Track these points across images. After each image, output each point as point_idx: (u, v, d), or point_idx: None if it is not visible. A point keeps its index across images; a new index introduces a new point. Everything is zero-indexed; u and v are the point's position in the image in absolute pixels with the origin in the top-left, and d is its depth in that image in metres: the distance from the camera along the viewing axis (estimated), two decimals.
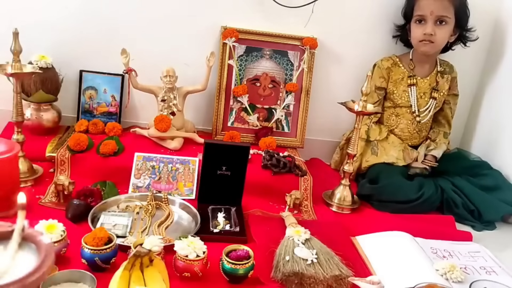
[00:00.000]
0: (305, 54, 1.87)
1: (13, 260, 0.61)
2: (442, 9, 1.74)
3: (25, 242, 0.64)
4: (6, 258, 0.61)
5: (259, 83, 1.90)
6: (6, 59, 1.50)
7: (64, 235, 1.15)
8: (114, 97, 1.86)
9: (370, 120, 1.88)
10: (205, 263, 1.16)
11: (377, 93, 1.87)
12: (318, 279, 1.16)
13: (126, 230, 1.31)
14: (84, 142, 1.61)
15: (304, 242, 1.26)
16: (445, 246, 1.46)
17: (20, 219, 0.63)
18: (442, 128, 1.96)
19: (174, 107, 1.73)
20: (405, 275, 1.25)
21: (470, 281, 1.24)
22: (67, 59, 1.80)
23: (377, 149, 1.86)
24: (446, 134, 1.95)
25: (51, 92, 1.74)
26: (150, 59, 1.80)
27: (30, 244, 0.64)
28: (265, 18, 1.85)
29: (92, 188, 1.44)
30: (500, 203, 1.67)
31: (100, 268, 1.12)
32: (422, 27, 1.77)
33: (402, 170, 1.80)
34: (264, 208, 1.56)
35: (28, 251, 0.64)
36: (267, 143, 1.81)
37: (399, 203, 1.65)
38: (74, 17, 1.79)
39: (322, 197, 1.69)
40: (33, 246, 0.64)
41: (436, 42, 1.77)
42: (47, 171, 1.60)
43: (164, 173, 1.60)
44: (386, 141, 1.87)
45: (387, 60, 1.88)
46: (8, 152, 1.31)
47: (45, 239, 0.64)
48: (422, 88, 1.87)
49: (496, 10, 1.95)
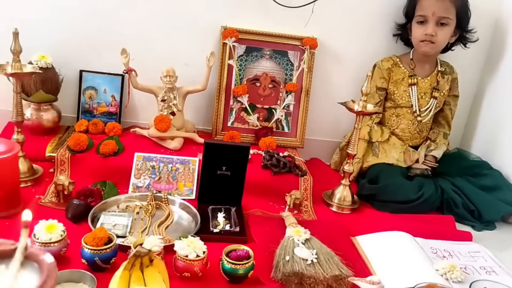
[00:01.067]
0: (305, 54, 1.87)
1: (15, 279, 0.60)
2: (444, 10, 1.74)
3: (27, 261, 0.63)
4: (9, 277, 0.60)
5: (259, 83, 1.90)
6: (6, 59, 1.50)
7: (64, 235, 1.15)
8: (114, 97, 1.86)
9: (372, 121, 1.88)
10: (205, 263, 1.16)
11: (378, 93, 1.87)
12: (318, 279, 1.16)
13: (126, 230, 1.31)
14: (84, 142, 1.61)
15: (304, 242, 1.26)
16: (445, 246, 1.46)
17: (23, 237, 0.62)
18: (442, 128, 1.96)
19: (174, 107, 1.73)
20: (405, 275, 1.25)
21: (470, 281, 1.24)
22: (67, 59, 1.80)
23: (378, 150, 1.86)
24: (445, 135, 1.96)
25: (51, 92, 1.74)
26: (150, 59, 1.80)
27: (33, 263, 0.63)
28: (265, 18, 1.85)
29: (92, 188, 1.44)
30: (500, 203, 1.67)
31: (100, 268, 1.12)
32: (423, 27, 1.77)
33: (402, 171, 1.80)
34: (264, 208, 1.56)
35: (30, 270, 0.62)
36: (267, 143, 1.81)
37: (399, 203, 1.66)
38: (74, 17, 1.79)
39: (322, 197, 1.69)
40: (36, 266, 0.62)
41: (436, 43, 1.77)
42: (47, 171, 1.60)
43: (164, 173, 1.60)
44: (387, 143, 1.87)
45: (388, 60, 1.88)
46: (8, 152, 1.31)
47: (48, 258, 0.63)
48: (423, 88, 1.87)
49: (496, 10, 1.95)
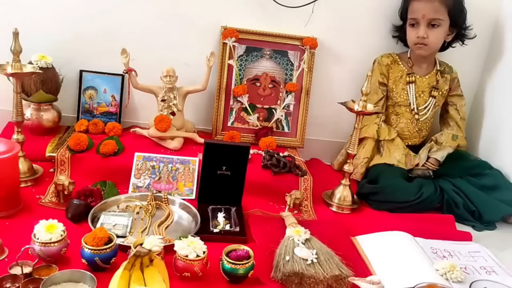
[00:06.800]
0: (305, 54, 1.87)
1: None
2: (433, 12, 1.74)
3: None
4: None
5: (259, 83, 1.90)
6: (6, 59, 1.50)
7: (64, 235, 1.15)
8: (114, 97, 1.86)
9: (380, 119, 1.87)
10: (205, 263, 1.16)
11: (381, 89, 1.87)
12: (318, 279, 1.17)
13: (126, 230, 1.31)
14: (84, 142, 1.61)
15: (304, 242, 1.26)
16: (445, 246, 1.46)
17: None
18: (450, 130, 1.92)
19: (174, 107, 1.73)
20: (405, 275, 1.25)
21: (470, 281, 1.24)
22: (67, 59, 1.80)
23: (382, 149, 1.85)
24: (454, 137, 1.91)
25: (51, 92, 1.74)
26: (150, 59, 1.80)
27: None
28: (265, 18, 1.85)
29: (92, 188, 1.44)
30: (501, 204, 1.67)
31: (100, 268, 1.12)
32: (415, 30, 1.78)
33: (402, 172, 1.80)
34: (264, 208, 1.56)
35: None
36: (267, 143, 1.81)
37: (396, 203, 1.66)
38: (74, 17, 1.79)
39: (322, 197, 1.69)
40: None
41: (429, 45, 1.78)
42: (47, 171, 1.60)
43: (164, 173, 1.60)
44: (392, 143, 1.86)
45: (387, 56, 1.88)
46: (8, 152, 1.31)
47: None
48: (421, 86, 1.87)
49: (496, 10, 1.95)
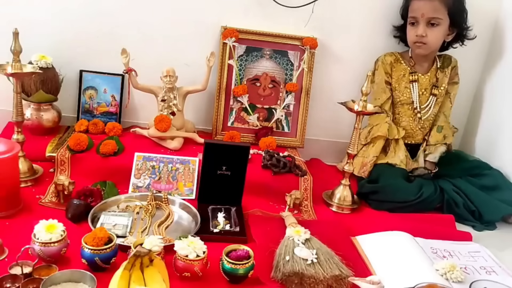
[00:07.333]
0: (305, 54, 1.87)
1: None
2: (432, 11, 1.74)
3: None
4: None
5: (259, 83, 1.90)
6: (6, 59, 1.50)
7: (64, 235, 1.15)
8: (114, 97, 1.86)
9: (390, 117, 1.86)
10: (205, 263, 1.16)
11: (388, 87, 1.87)
12: (318, 279, 1.17)
13: (126, 230, 1.31)
14: (84, 142, 1.61)
15: (304, 242, 1.26)
16: (445, 246, 1.46)
17: None
18: (437, 121, 1.91)
19: (174, 107, 1.73)
20: (405, 275, 1.25)
21: (470, 281, 1.24)
22: (67, 59, 1.80)
23: (388, 148, 1.85)
24: (439, 128, 1.89)
25: (51, 92, 1.74)
26: (150, 59, 1.80)
27: None
28: (265, 18, 1.85)
29: (92, 188, 1.44)
30: (501, 204, 1.67)
31: (100, 268, 1.12)
32: (414, 29, 1.78)
33: (403, 172, 1.80)
34: (264, 208, 1.56)
35: None
36: (267, 143, 1.81)
37: (396, 203, 1.66)
38: (74, 17, 1.79)
39: (322, 197, 1.69)
40: None
41: (428, 44, 1.78)
42: (47, 171, 1.60)
43: (164, 173, 1.60)
44: (398, 143, 1.85)
45: (390, 55, 1.88)
46: (8, 152, 1.31)
47: None
48: (423, 84, 1.87)
49: (496, 10, 1.94)
